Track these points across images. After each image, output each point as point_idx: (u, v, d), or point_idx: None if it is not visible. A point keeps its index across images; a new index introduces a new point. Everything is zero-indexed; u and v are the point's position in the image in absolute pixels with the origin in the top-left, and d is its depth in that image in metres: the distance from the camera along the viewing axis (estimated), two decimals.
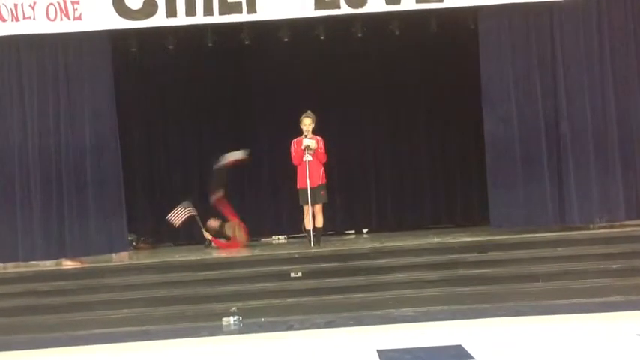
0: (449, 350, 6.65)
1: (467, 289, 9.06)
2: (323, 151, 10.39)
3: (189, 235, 12.73)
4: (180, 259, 10.26)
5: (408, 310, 8.59)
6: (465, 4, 10.21)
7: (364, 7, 10.13)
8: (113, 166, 10.27)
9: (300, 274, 9.34)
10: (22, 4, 10.06)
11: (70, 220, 10.14)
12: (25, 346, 8.18)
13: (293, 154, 10.41)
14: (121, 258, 10.60)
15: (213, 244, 11.77)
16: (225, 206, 11.74)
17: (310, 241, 10.28)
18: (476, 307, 8.56)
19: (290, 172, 10.61)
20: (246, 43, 11.06)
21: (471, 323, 7.87)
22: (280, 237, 13.05)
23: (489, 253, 9.55)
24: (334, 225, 12.43)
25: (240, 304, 8.82)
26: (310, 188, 10.18)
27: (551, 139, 10.16)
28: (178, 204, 11.86)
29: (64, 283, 9.61)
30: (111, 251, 10.44)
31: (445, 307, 8.67)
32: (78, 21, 10.09)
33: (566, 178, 10.07)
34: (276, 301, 9.05)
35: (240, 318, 8.57)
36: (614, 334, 6.99)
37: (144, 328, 8.63)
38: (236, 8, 10.09)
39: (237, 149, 13.03)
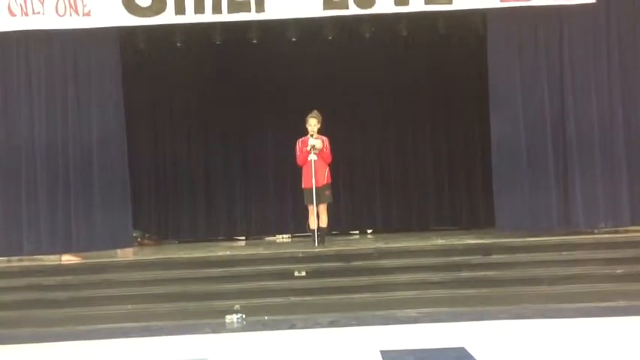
0: (451, 352, 6.64)
1: (470, 291, 9.05)
2: (328, 150, 10.37)
3: (194, 232, 12.76)
4: (184, 256, 10.26)
5: (411, 312, 8.56)
6: (474, 6, 10.17)
7: (373, 8, 10.10)
8: (119, 161, 10.29)
9: (304, 273, 9.35)
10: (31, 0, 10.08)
11: (76, 215, 10.15)
12: (28, 339, 8.18)
13: (297, 153, 10.39)
14: (126, 254, 10.63)
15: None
16: None
17: (314, 241, 10.26)
18: (479, 310, 8.54)
19: (295, 171, 10.60)
20: (254, 41, 11.07)
21: (474, 326, 7.85)
22: (284, 236, 13.07)
23: (493, 256, 9.54)
24: (339, 225, 12.44)
25: (243, 302, 8.83)
26: (315, 188, 10.18)
27: (558, 142, 10.14)
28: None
29: (68, 278, 9.63)
30: (115, 247, 10.47)
31: (448, 309, 8.65)
32: (87, 17, 10.11)
33: (572, 181, 10.05)
34: (279, 300, 9.05)
35: (244, 316, 8.57)
36: (619, 339, 6.96)
37: (147, 324, 8.62)
38: (244, 7, 10.09)
39: (244, 147, 13.16)
